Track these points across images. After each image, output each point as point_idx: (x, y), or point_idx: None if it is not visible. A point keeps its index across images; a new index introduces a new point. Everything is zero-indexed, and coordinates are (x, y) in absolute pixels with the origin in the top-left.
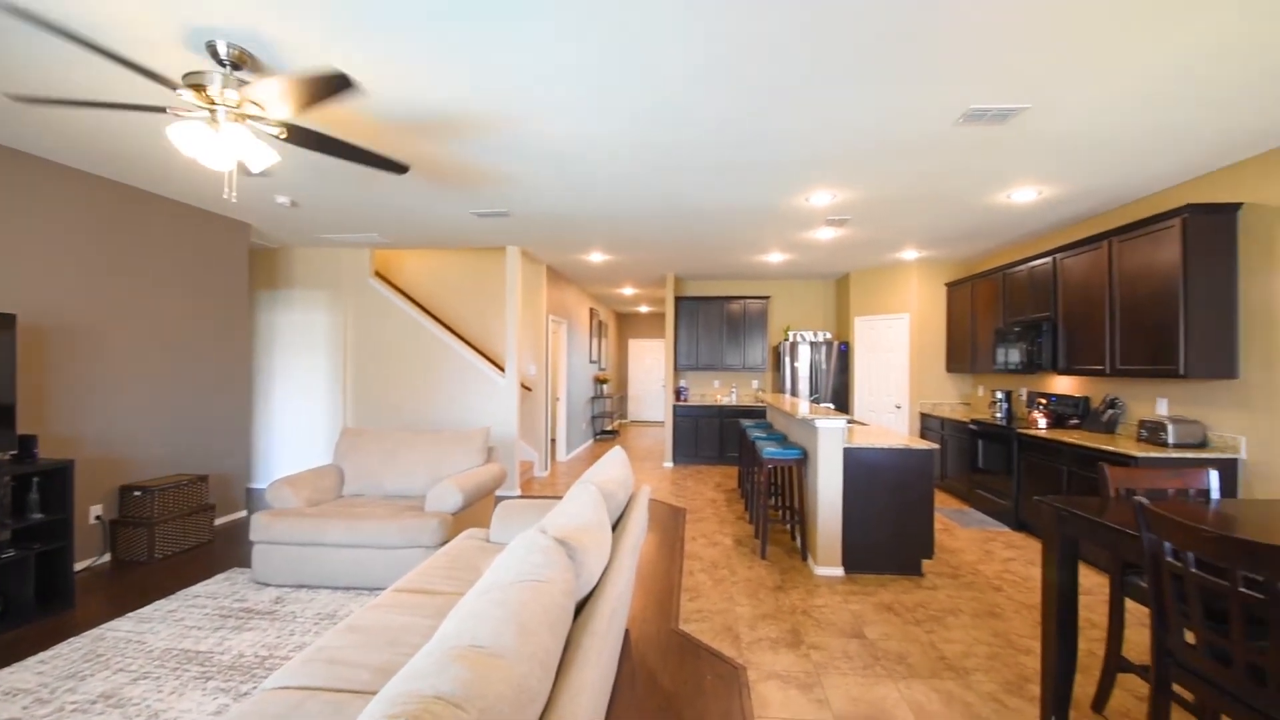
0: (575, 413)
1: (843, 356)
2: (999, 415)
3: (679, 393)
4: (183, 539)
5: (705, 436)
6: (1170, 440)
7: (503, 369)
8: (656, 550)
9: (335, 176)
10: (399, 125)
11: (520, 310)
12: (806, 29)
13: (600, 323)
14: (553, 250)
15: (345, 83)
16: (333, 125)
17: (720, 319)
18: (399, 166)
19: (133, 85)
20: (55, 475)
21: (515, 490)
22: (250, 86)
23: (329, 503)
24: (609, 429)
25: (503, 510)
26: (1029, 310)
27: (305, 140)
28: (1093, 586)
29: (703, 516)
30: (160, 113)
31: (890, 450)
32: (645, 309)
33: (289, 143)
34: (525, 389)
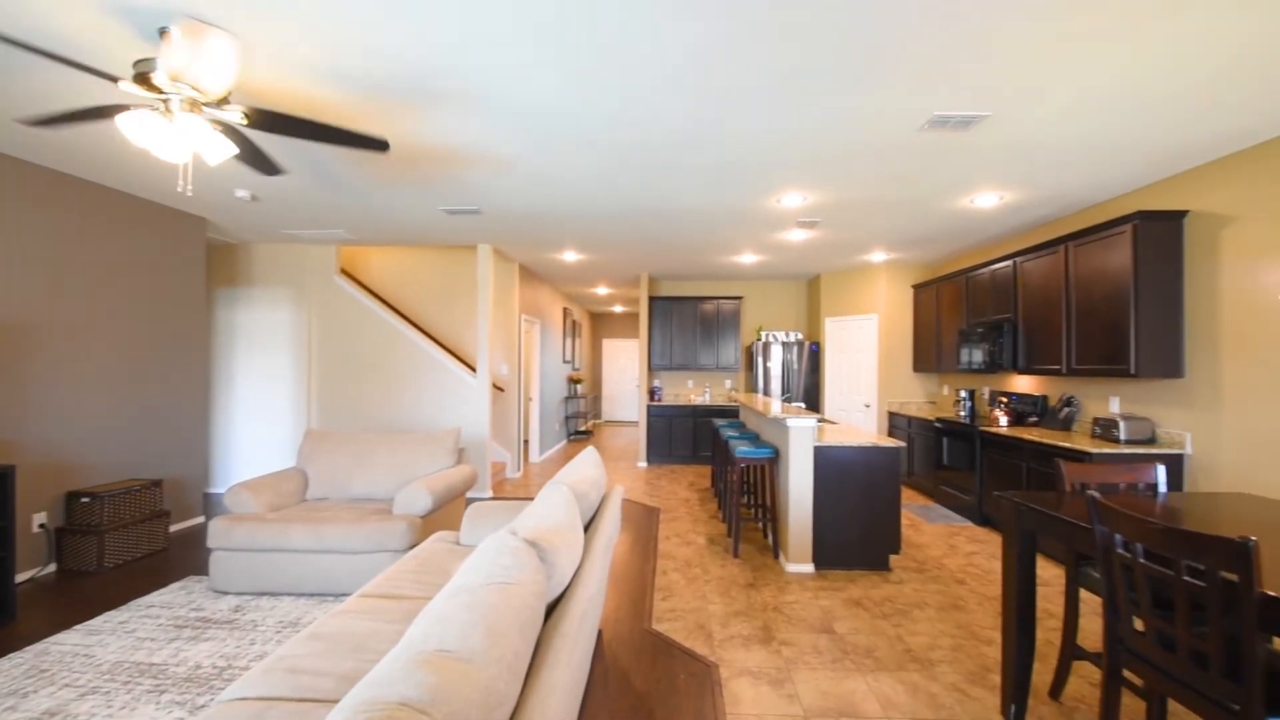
0: (548, 413)
1: (814, 356)
2: (963, 414)
3: (653, 393)
4: (135, 547)
5: (679, 436)
6: (1122, 437)
7: (474, 369)
8: (630, 550)
9: (299, 170)
10: (365, 116)
11: (492, 309)
12: (775, 33)
13: (574, 322)
14: (525, 249)
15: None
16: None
17: (694, 319)
18: (378, 143)
19: (76, 74)
20: None
21: (487, 492)
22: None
23: (292, 507)
24: (583, 429)
25: (473, 512)
26: (991, 312)
27: (272, 125)
28: (1050, 578)
29: (676, 516)
30: (111, 81)
31: (859, 448)
32: (619, 309)
33: (254, 129)
34: (497, 389)
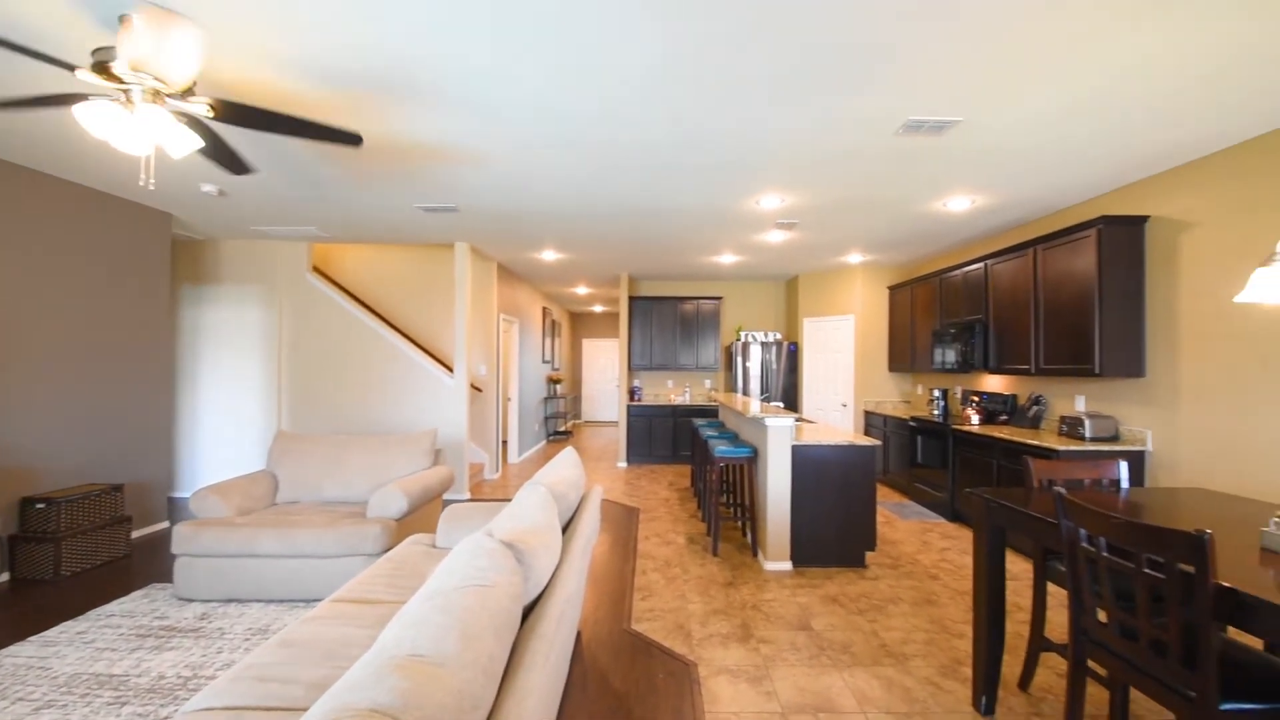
0: (527, 413)
1: (792, 356)
2: (936, 412)
3: (633, 393)
4: (94, 554)
5: (659, 436)
6: (1087, 434)
7: (451, 369)
8: (609, 550)
9: (268, 164)
10: (338, 109)
11: (470, 309)
12: (752, 36)
13: (554, 322)
14: (504, 247)
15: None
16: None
17: (674, 319)
18: (350, 137)
19: (28, 62)
20: None
21: (464, 494)
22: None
23: (261, 511)
24: (563, 430)
25: (450, 514)
26: (963, 313)
27: (239, 117)
28: (1020, 572)
29: (656, 516)
30: (68, 70)
31: (836, 447)
32: (600, 309)
33: (220, 122)
34: (475, 390)
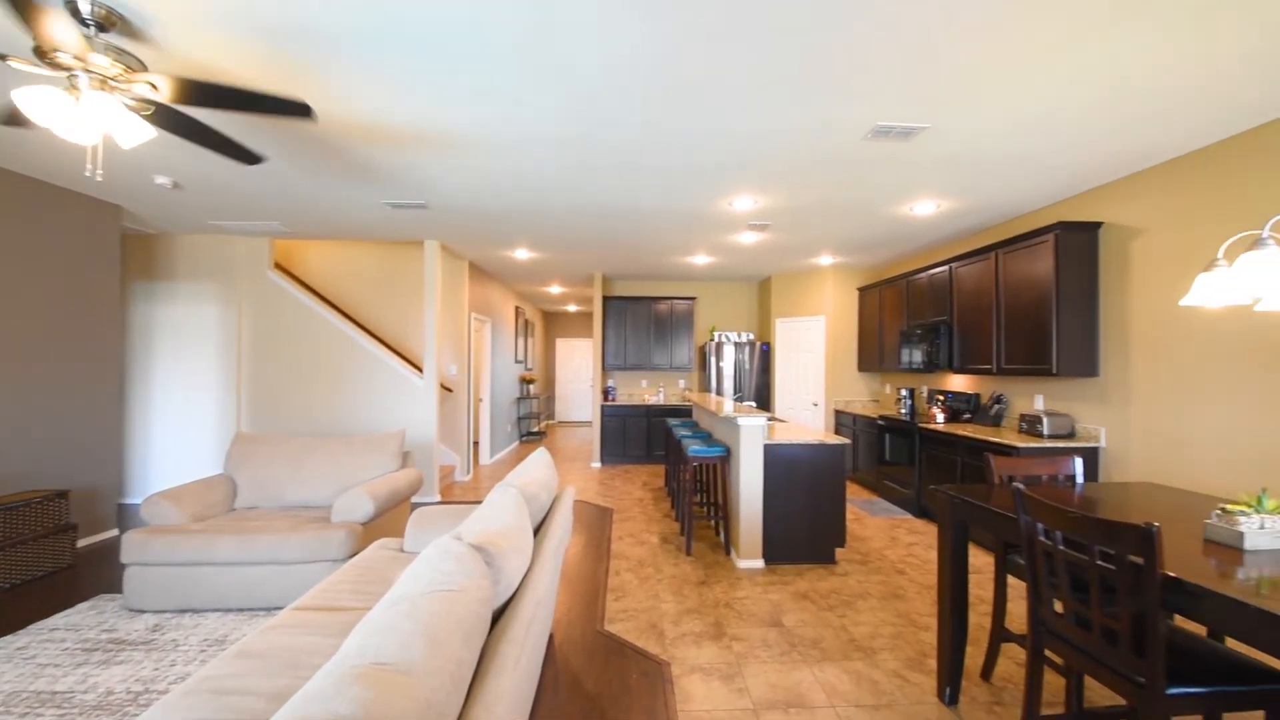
0: (500, 414)
1: (765, 356)
2: (903, 411)
3: (607, 393)
4: (36, 565)
5: (633, 436)
6: (1045, 432)
7: (421, 369)
8: (583, 551)
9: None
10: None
11: (440, 307)
12: (724, 40)
13: (527, 321)
14: (475, 245)
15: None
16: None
17: (648, 319)
18: (299, 107)
19: None
20: None
21: (434, 496)
22: (151, 74)
23: (218, 517)
24: (536, 430)
25: (418, 518)
26: (929, 314)
27: (190, 96)
28: (982, 566)
29: (630, 516)
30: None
31: (806, 446)
32: (573, 308)
33: (172, 104)
34: (446, 390)
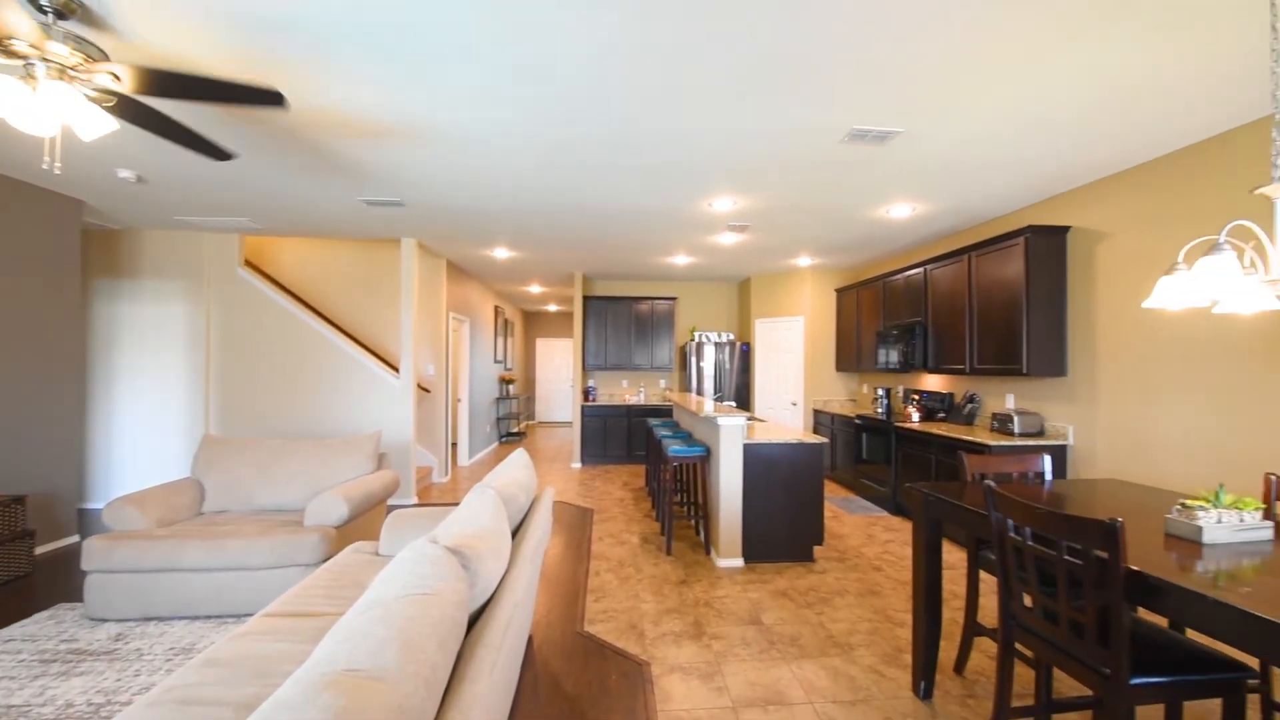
0: (478, 414)
1: (744, 356)
2: (880, 410)
3: (587, 393)
4: None
5: (614, 436)
6: (1016, 430)
7: (397, 369)
8: (563, 552)
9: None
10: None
11: (417, 307)
12: (703, 39)
13: (506, 321)
14: (453, 244)
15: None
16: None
17: (629, 319)
18: (271, 96)
19: None
20: None
21: (411, 498)
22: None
23: (185, 522)
24: (516, 430)
25: (394, 520)
26: (905, 315)
27: (155, 86)
28: (956, 562)
29: (610, 516)
30: None
31: (785, 445)
32: (554, 308)
33: (136, 95)
34: (423, 390)
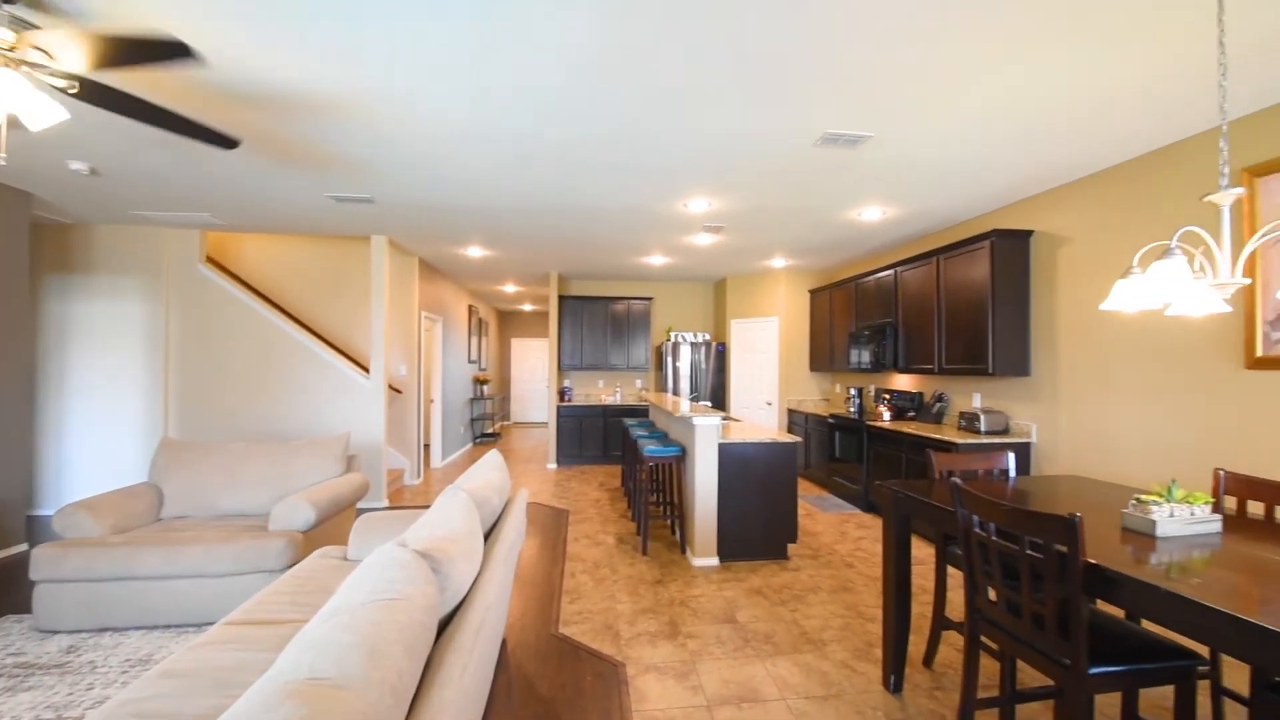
0: (452, 415)
1: (720, 356)
2: (852, 410)
3: (563, 393)
4: None
5: (590, 436)
6: (982, 428)
7: (367, 369)
8: (537, 554)
9: (148, 142)
10: (233, 96)
11: (388, 306)
12: (676, 41)
13: (480, 320)
14: (426, 242)
15: (182, 51)
16: (140, 83)
17: (605, 319)
18: (227, 140)
19: None
20: None
21: (382, 501)
22: (42, 33)
23: (142, 528)
24: (490, 431)
25: (363, 524)
26: (876, 316)
27: (105, 100)
28: (925, 557)
29: (586, 517)
30: None
31: (760, 444)
32: (529, 307)
33: (80, 99)
34: (395, 391)
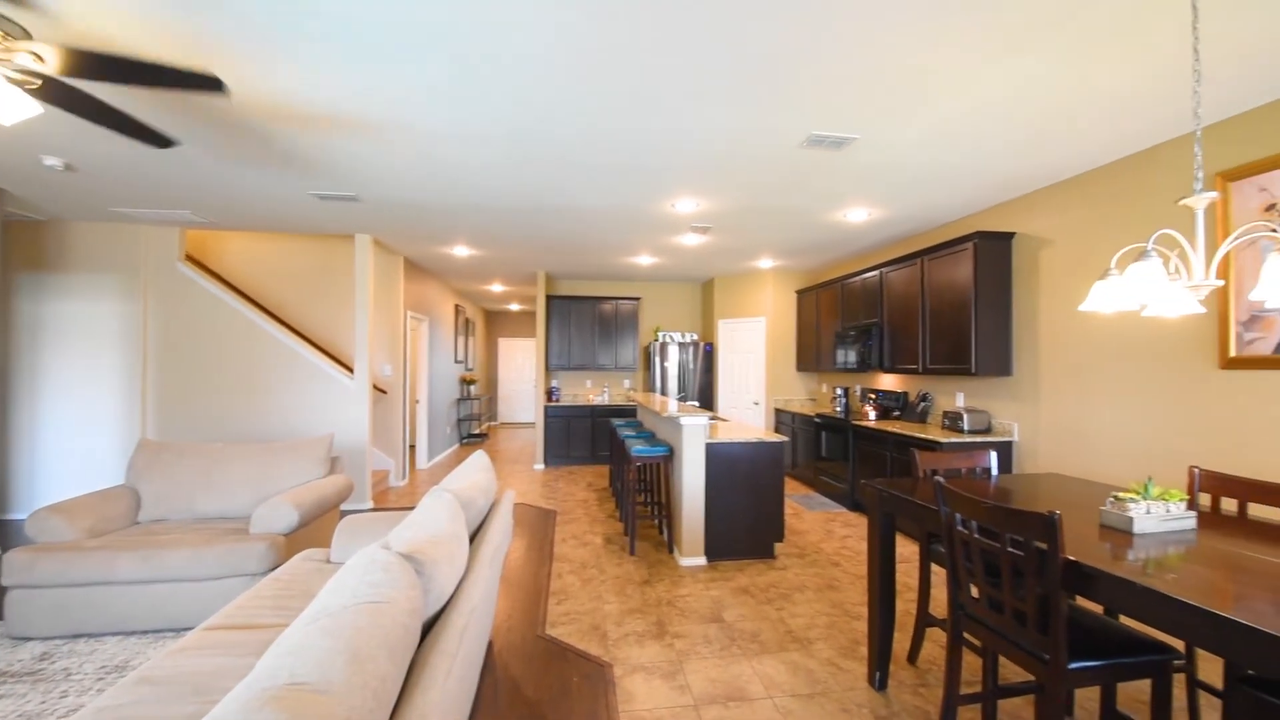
0: (438, 416)
1: (708, 357)
2: (839, 409)
3: (551, 393)
4: None
5: (577, 437)
6: (966, 427)
7: (351, 370)
8: (524, 555)
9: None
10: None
11: (373, 305)
12: (662, 41)
13: (467, 320)
14: (411, 241)
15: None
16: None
17: (592, 319)
18: (209, 80)
19: None
20: None
21: (366, 503)
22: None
23: (119, 532)
24: (477, 432)
25: (347, 526)
26: (862, 317)
27: (86, 68)
28: (909, 555)
29: (574, 517)
30: None
31: (747, 444)
32: (516, 307)
33: (59, 77)
34: (380, 392)
